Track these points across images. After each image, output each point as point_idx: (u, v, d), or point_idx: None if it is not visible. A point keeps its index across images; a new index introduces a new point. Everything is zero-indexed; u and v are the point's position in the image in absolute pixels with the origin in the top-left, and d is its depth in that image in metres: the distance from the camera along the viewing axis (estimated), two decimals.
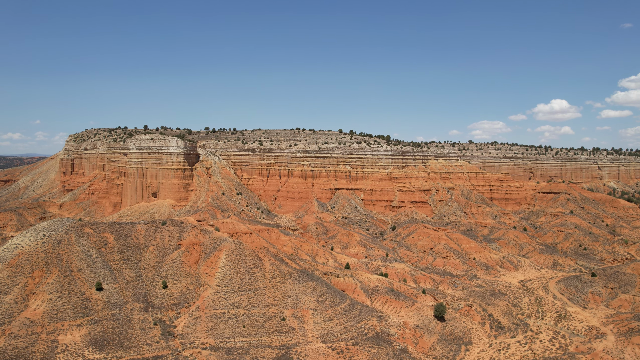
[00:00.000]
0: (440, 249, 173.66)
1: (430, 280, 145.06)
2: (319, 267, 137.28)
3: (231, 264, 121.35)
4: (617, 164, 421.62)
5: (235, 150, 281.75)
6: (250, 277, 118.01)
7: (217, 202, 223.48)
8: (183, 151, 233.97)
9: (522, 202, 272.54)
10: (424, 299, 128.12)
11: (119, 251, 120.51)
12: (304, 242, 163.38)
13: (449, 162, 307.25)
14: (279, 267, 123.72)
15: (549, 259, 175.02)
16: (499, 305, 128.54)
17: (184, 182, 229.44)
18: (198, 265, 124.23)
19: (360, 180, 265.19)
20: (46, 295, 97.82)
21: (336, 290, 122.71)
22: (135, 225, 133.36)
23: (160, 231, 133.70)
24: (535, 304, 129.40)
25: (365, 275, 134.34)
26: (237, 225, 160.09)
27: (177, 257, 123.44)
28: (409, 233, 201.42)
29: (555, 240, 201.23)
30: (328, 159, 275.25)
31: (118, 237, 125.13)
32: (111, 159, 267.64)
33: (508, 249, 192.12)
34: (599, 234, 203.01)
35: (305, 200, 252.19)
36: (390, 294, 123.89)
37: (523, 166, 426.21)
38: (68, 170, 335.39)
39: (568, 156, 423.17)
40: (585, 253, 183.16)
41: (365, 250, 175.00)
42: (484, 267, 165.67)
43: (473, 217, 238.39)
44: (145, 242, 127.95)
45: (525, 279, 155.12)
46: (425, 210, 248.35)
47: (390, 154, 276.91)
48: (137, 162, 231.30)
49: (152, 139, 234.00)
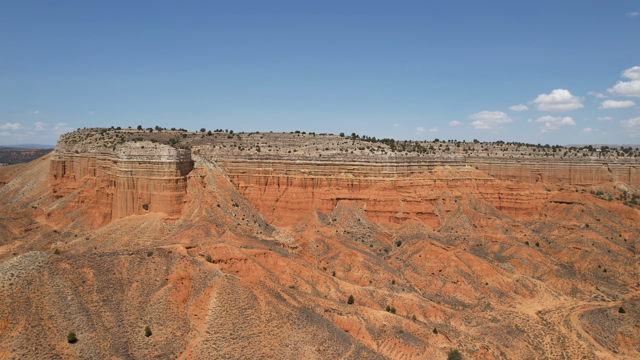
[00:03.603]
0: (450, 272, 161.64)
1: (441, 313, 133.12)
2: (320, 302, 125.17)
3: (223, 305, 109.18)
4: (627, 165, 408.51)
5: (232, 157, 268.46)
6: (244, 320, 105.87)
7: (211, 215, 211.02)
8: (175, 160, 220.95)
9: (532, 212, 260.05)
10: (436, 340, 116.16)
11: (99, 290, 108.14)
12: (304, 267, 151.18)
13: (456, 168, 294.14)
14: (275, 306, 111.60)
15: (567, 283, 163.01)
16: (518, 347, 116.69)
17: (176, 193, 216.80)
18: (186, 305, 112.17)
19: (363, 189, 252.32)
20: (8, 353, 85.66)
21: (339, 332, 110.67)
22: (118, 257, 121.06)
23: (146, 263, 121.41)
24: (558, 346, 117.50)
25: (370, 312, 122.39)
26: (231, 250, 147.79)
27: (163, 295, 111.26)
28: (416, 250, 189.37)
29: (572, 259, 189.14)
30: (329, 166, 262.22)
31: (98, 272, 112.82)
32: (102, 165, 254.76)
33: (521, 269, 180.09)
34: (618, 252, 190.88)
35: (305, 212, 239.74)
36: (399, 337, 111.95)
37: (530, 167, 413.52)
38: (59, 173, 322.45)
39: (577, 157, 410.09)
40: (606, 276, 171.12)
41: (369, 273, 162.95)
42: (498, 294, 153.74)
43: (482, 230, 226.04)
44: (129, 277, 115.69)
45: (544, 310, 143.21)
46: (431, 222, 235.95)
47: (395, 161, 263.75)
48: (127, 172, 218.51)
49: (143, 147, 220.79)
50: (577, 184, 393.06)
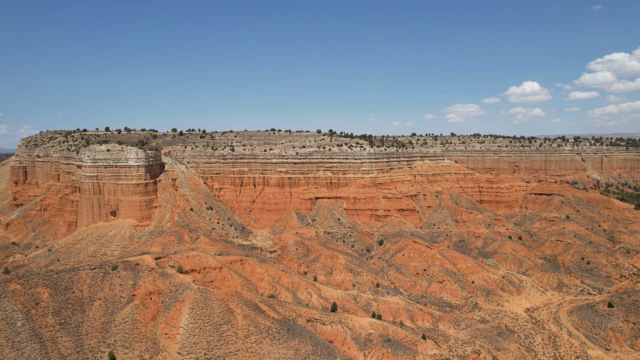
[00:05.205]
0: (435, 271, 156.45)
1: (428, 316, 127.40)
2: (302, 311, 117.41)
3: (196, 321, 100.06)
4: (600, 155, 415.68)
5: (205, 157, 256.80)
6: (220, 337, 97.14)
7: (184, 220, 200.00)
8: (144, 163, 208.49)
9: (513, 205, 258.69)
10: (425, 347, 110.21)
11: (55, 312, 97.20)
12: (283, 273, 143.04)
13: (435, 163, 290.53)
14: (254, 320, 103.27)
15: (553, 277, 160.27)
16: (509, 349, 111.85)
17: (146, 198, 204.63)
18: (156, 323, 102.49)
19: (343, 187, 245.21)
20: None
21: (323, 344, 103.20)
22: (79, 273, 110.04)
23: (110, 278, 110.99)
24: (550, 346, 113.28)
25: (356, 320, 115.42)
26: (205, 258, 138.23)
27: (129, 314, 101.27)
28: (399, 249, 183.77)
29: (555, 252, 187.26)
30: (307, 164, 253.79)
31: (55, 291, 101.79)
32: (65, 170, 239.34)
33: (506, 264, 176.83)
34: (599, 242, 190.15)
35: (283, 212, 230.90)
36: (386, 346, 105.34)
37: (508, 159, 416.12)
38: (20, 179, 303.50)
39: (552, 148, 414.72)
40: (589, 268, 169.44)
41: (352, 276, 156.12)
42: (485, 292, 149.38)
43: (464, 225, 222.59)
44: (91, 295, 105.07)
45: (532, 307, 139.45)
46: (413, 219, 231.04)
47: (374, 157, 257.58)
48: (93, 177, 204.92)
49: (109, 150, 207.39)
50: (553, 174, 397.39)
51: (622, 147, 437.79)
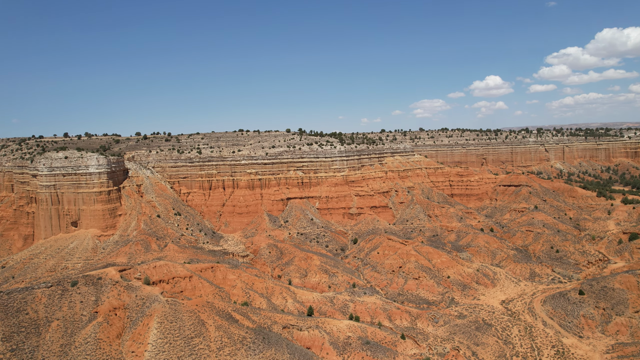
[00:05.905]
0: (411, 268, 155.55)
1: (406, 315, 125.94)
2: (277, 317, 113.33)
3: (165, 336, 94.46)
4: (562, 145, 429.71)
5: (171, 161, 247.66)
6: (191, 351, 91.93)
7: (151, 228, 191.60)
8: (106, 169, 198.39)
9: (483, 197, 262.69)
10: (405, 347, 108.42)
11: (6, 337, 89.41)
12: (257, 278, 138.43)
13: (406, 159, 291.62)
14: (227, 330, 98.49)
15: (525, 268, 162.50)
16: (488, 343, 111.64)
17: (109, 206, 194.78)
18: (122, 340, 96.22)
19: (314, 186, 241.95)
20: None
21: (301, 351, 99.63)
22: (33, 292, 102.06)
23: (69, 296, 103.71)
24: (527, 337, 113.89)
25: (333, 324, 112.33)
26: (173, 267, 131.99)
27: (91, 333, 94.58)
28: (373, 247, 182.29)
29: (525, 242, 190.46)
30: (277, 164, 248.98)
31: (5, 314, 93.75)
32: (19, 180, 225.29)
33: (480, 257, 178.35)
34: (567, 231, 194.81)
35: (255, 215, 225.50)
36: (366, 349, 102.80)
37: (475, 152, 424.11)
38: None
39: (517, 140, 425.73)
40: (558, 256, 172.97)
41: (327, 277, 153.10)
42: (460, 287, 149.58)
43: (437, 219, 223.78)
44: (47, 315, 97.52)
45: (507, 299, 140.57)
46: (386, 215, 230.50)
47: (345, 155, 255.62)
48: (50, 186, 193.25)
49: (67, 157, 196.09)
50: (519, 165, 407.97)
51: (581, 137, 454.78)
